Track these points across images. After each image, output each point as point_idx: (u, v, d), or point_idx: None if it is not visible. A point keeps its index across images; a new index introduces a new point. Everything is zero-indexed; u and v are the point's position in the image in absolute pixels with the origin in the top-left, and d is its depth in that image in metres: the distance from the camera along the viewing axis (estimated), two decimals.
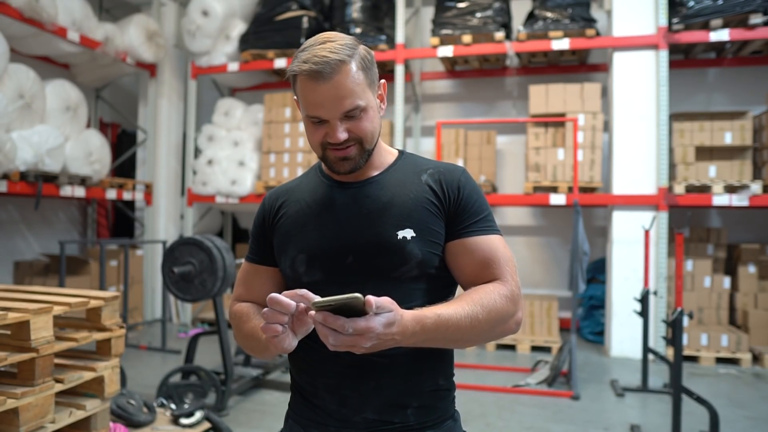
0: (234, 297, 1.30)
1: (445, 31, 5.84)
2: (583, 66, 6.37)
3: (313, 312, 0.91)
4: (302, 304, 0.96)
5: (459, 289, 1.20)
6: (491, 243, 1.15)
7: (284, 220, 1.22)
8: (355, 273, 1.13)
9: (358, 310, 0.89)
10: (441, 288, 1.18)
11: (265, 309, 0.96)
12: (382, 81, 1.19)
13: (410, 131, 6.86)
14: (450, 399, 1.22)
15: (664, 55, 5.16)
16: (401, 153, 1.27)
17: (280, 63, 6.26)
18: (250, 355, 1.22)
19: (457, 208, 1.16)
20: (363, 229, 1.14)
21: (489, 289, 1.09)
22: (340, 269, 1.14)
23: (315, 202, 1.21)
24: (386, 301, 0.92)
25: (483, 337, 1.09)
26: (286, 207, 1.23)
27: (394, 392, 1.13)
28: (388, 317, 0.92)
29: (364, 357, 1.07)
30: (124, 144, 7.49)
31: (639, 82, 5.29)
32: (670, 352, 4.62)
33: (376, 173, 1.21)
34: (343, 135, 1.10)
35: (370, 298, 0.89)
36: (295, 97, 1.15)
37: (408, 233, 1.12)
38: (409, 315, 0.97)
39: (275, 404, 3.85)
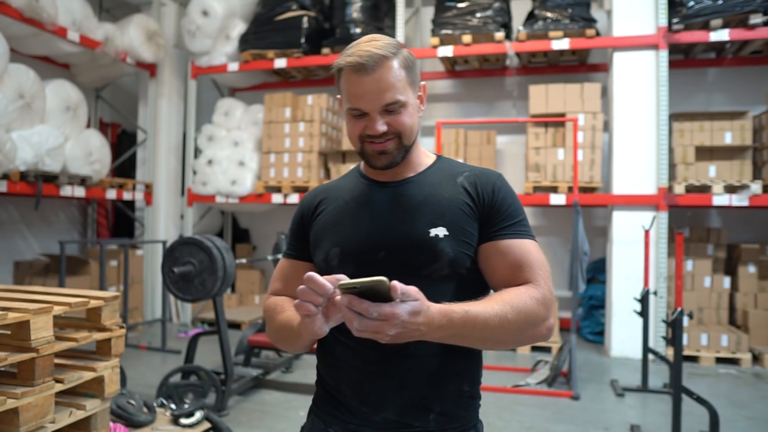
0: (270, 292, 1.32)
1: (445, 31, 5.84)
2: (583, 66, 6.37)
3: (338, 295, 0.90)
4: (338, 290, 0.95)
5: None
6: (524, 246, 1.15)
7: (322, 216, 1.25)
8: (386, 269, 1.11)
9: (384, 296, 0.89)
10: (472, 291, 1.16)
11: (301, 286, 0.95)
12: (423, 83, 1.22)
13: None
14: (474, 407, 1.22)
15: (664, 55, 5.16)
16: (439, 157, 1.30)
17: (280, 63, 6.26)
18: (280, 348, 1.23)
19: (491, 210, 1.17)
20: (396, 225, 1.16)
21: (521, 290, 1.08)
22: (372, 265, 1.14)
23: (353, 199, 1.23)
24: (412, 289, 0.91)
25: (512, 339, 1.07)
26: (325, 204, 1.26)
27: (416, 394, 1.13)
28: (414, 306, 0.91)
29: (388, 356, 1.07)
30: (124, 144, 7.49)
31: (639, 82, 5.29)
32: (670, 352, 4.62)
33: (412, 174, 1.23)
34: (382, 127, 1.13)
35: (396, 283, 0.88)
36: (338, 96, 1.19)
37: (440, 231, 1.13)
38: (436, 307, 0.96)
39: (275, 404, 3.85)
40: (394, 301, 0.89)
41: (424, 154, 1.28)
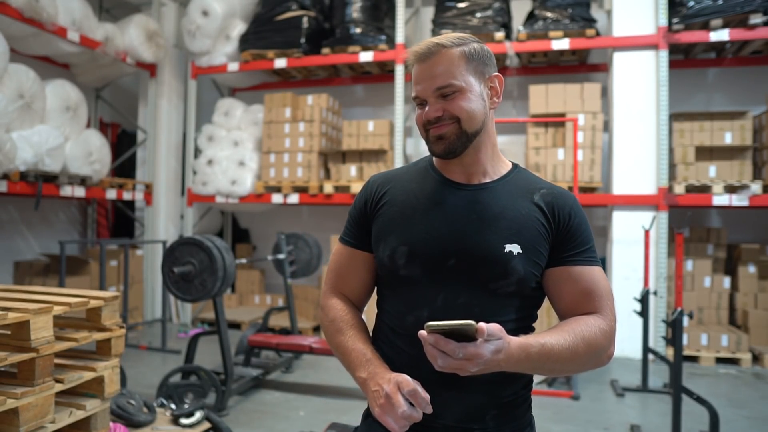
0: (328, 285, 1.31)
1: (445, 31, 5.83)
2: (583, 66, 6.37)
3: (424, 332, 0.94)
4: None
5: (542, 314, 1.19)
6: (594, 274, 1.16)
7: (387, 207, 1.22)
8: (453, 276, 1.14)
9: (468, 336, 0.93)
10: (530, 307, 1.20)
11: (405, 409, 1.01)
12: (497, 74, 1.20)
13: (410, 131, 6.86)
14: (527, 404, 1.24)
15: (664, 55, 5.16)
16: (515, 166, 1.28)
17: (280, 63, 6.26)
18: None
19: (565, 234, 1.17)
20: (471, 234, 1.14)
21: (590, 322, 1.12)
22: (439, 270, 1.14)
23: (424, 196, 1.20)
24: (496, 328, 0.95)
25: (576, 369, 1.13)
26: (391, 194, 1.23)
27: (474, 401, 1.15)
28: (496, 345, 0.95)
29: None
30: (124, 144, 7.49)
31: (639, 82, 5.29)
32: (670, 352, 4.62)
33: (488, 180, 1.21)
34: (436, 112, 1.13)
35: (483, 325, 0.92)
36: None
37: (515, 248, 1.13)
38: (516, 343, 1.00)
39: (275, 404, 3.85)
40: (478, 341, 0.93)
41: (502, 161, 1.26)
